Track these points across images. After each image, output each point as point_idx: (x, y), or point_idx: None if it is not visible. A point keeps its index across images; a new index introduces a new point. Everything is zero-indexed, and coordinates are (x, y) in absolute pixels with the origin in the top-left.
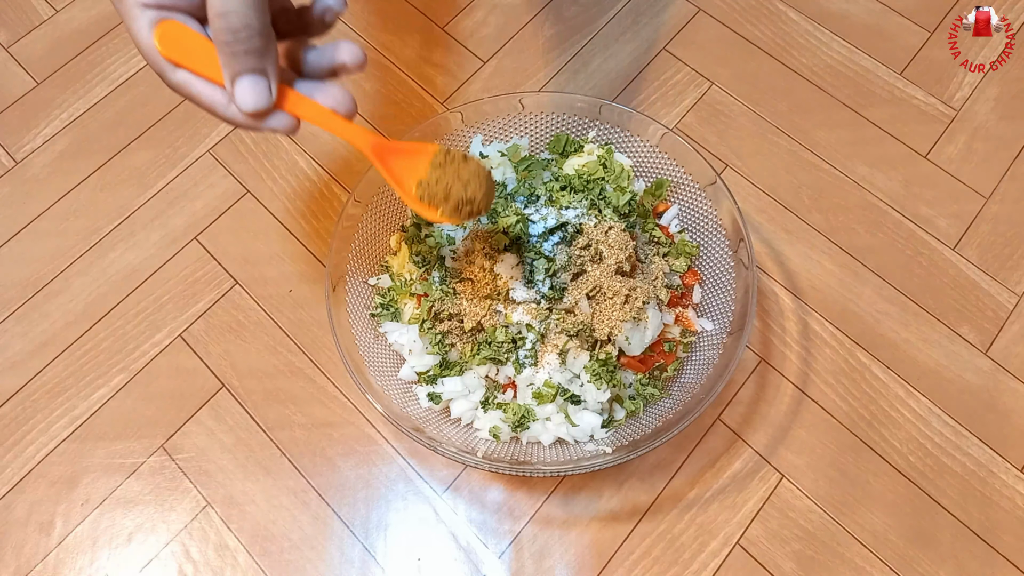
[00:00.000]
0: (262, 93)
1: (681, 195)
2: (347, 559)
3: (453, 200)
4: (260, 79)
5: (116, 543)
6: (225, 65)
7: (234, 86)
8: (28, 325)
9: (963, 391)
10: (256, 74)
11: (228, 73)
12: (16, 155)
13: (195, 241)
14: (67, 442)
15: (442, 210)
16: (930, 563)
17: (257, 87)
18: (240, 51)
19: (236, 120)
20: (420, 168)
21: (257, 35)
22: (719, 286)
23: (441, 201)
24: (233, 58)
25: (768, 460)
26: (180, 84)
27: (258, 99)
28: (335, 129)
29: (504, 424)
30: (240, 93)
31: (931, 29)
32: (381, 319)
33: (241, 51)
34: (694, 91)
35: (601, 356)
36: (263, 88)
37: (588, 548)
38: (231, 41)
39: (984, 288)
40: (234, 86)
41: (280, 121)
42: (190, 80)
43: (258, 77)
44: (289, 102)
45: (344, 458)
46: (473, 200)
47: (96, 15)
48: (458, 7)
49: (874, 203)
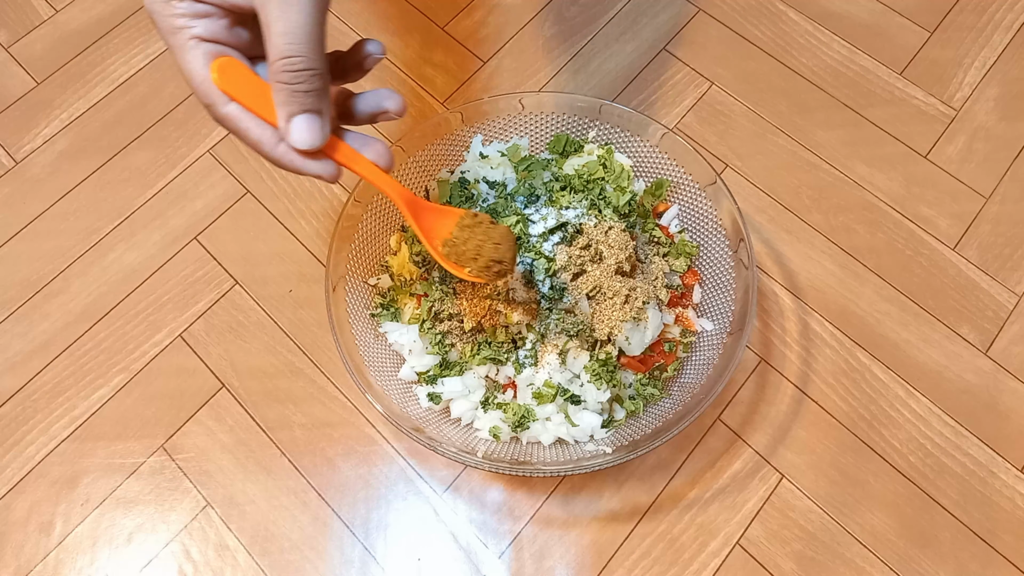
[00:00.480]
0: (316, 132)
1: (681, 195)
2: (347, 559)
3: (484, 259)
4: (316, 118)
5: (116, 543)
6: (283, 103)
7: (289, 124)
8: (28, 325)
9: (963, 391)
10: (313, 114)
11: (285, 112)
12: (16, 155)
13: (195, 241)
14: (67, 442)
15: (471, 268)
16: (930, 563)
17: (312, 126)
18: (301, 91)
19: (281, 160)
20: (447, 227)
21: (318, 77)
22: (719, 286)
23: (470, 260)
24: (293, 97)
25: (768, 460)
26: (229, 117)
27: (313, 137)
28: (375, 181)
29: (504, 424)
30: (296, 131)
31: (931, 29)
32: (381, 319)
33: (302, 91)
34: (694, 91)
35: (601, 356)
36: (317, 127)
37: (588, 548)
38: (292, 81)
39: (984, 288)
40: (289, 124)
41: (325, 167)
42: (240, 115)
43: (314, 117)
44: (333, 149)
45: (344, 458)
46: (503, 260)
47: (96, 15)
48: (458, 7)
49: (874, 203)
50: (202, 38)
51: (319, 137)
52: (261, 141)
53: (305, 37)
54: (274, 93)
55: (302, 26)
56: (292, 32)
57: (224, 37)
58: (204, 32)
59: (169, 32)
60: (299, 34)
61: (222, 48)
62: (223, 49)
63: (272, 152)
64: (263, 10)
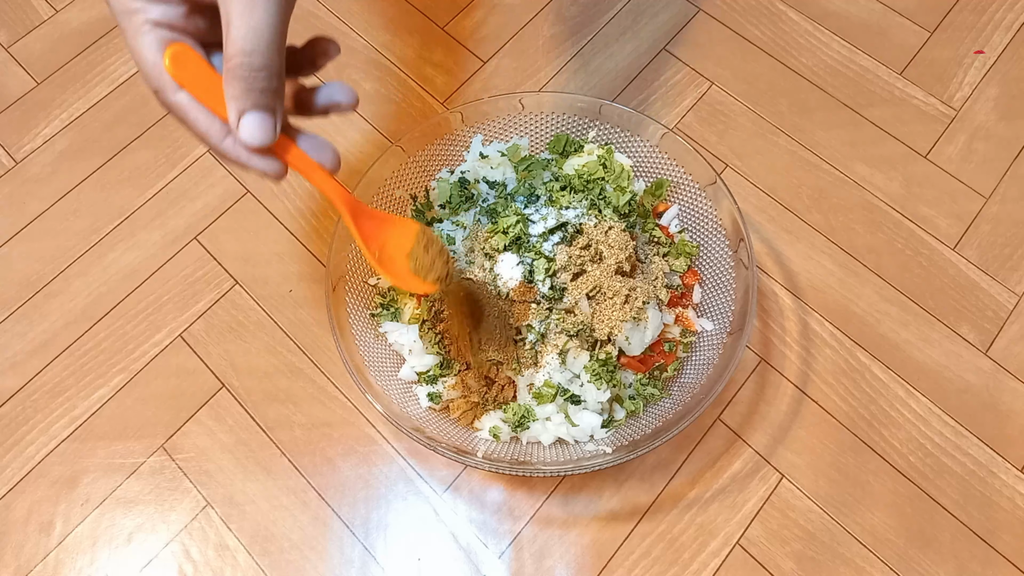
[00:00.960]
0: (268, 130)
1: (681, 195)
2: (347, 559)
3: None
4: (268, 117)
5: (116, 543)
6: (236, 98)
7: (240, 120)
8: (28, 325)
9: (963, 391)
10: (265, 112)
11: (237, 107)
12: (16, 155)
13: (195, 241)
14: (67, 442)
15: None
16: (930, 563)
17: (265, 124)
18: (256, 88)
19: (228, 154)
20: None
21: (275, 76)
22: (719, 286)
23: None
24: (247, 94)
25: (768, 460)
26: (178, 105)
27: (264, 135)
28: (316, 182)
29: (504, 424)
30: (247, 127)
31: (931, 29)
32: (381, 319)
33: (257, 89)
34: (694, 91)
35: (601, 356)
36: (269, 126)
37: (588, 548)
38: (248, 78)
39: (984, 288)
40: (240, 120)
41: (270, 164)
42: (189, 105)
43: (267, 115)
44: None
45: (344, 458)
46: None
47: (96, 15)
48: (458, 7)
49: (874, 203)
50: (157, 23)
51: (270, 135)
52: (208, 133)
53: (266, 37)
54: (227, 87)
55: (265, 26)
56: (254, 30)
57: (180, 24)
58: (159, 17)
59: (123, 14)
60: (261, 33)
61: (176, 35)
62: (177, 36)
63: (219, 145)
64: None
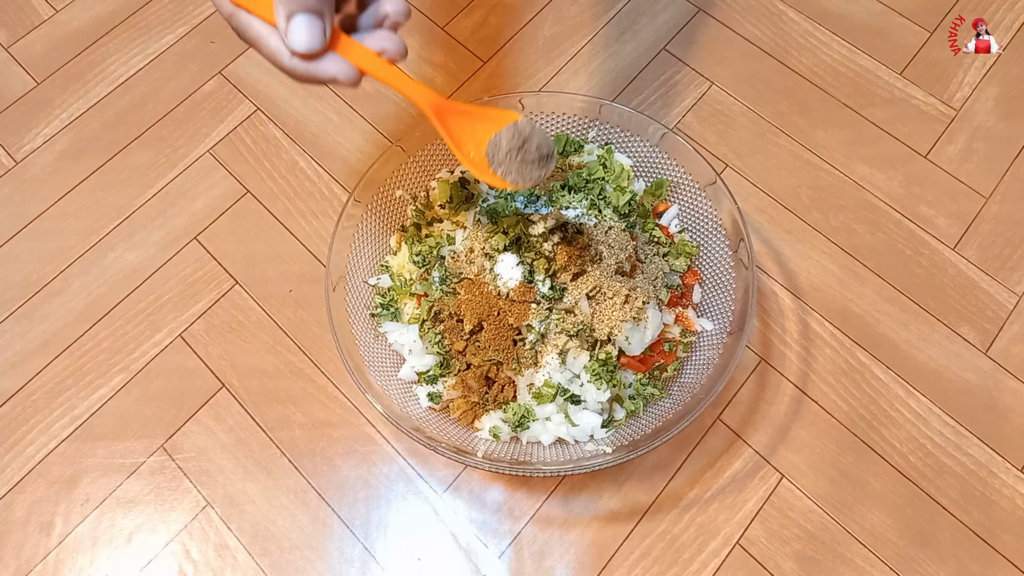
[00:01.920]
0: (316, 33)
1: (681, 195)
2: (347, 559)
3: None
4: (315, 19)
5: (116, 543)
6: (282, 3)
7: (289, 24)
8: (28, 325)
9: (963, 391)
10: (311, 13)
11: (284, 11)
12: (16, 155)
13: (195, 241)
14: (67, 442)
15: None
16: (930, 563)
17: (312, 26)
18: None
19: (295, 70)
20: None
21: None
22: (719, 286)
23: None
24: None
25: (768, 460)
26: (243, 27)
27: (312, 39)
28: (396, 83)
29: (504, 424)
30: (295, 31)
31: (931, 29)
32: (381, 319)
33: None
34: (694, 91)
35: (601, 356)
36: (318, 28)
37: (588, 548)
38: None
39: (984, 288)
40: (289, 24)
41: (338, 67)
42: (252, 23)
43: (313, 17)
44: (342, 47)
45: (344, 458)
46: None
47: (96, 15)
48: (458, 7)
49: (874, 203)
50: None
51: (319, 39)
52: (278, 52)
53: None
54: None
55: None
56: None
57: None
58: None
59: None
60: None
61: None
62: None
63: (287, 63)
64: None
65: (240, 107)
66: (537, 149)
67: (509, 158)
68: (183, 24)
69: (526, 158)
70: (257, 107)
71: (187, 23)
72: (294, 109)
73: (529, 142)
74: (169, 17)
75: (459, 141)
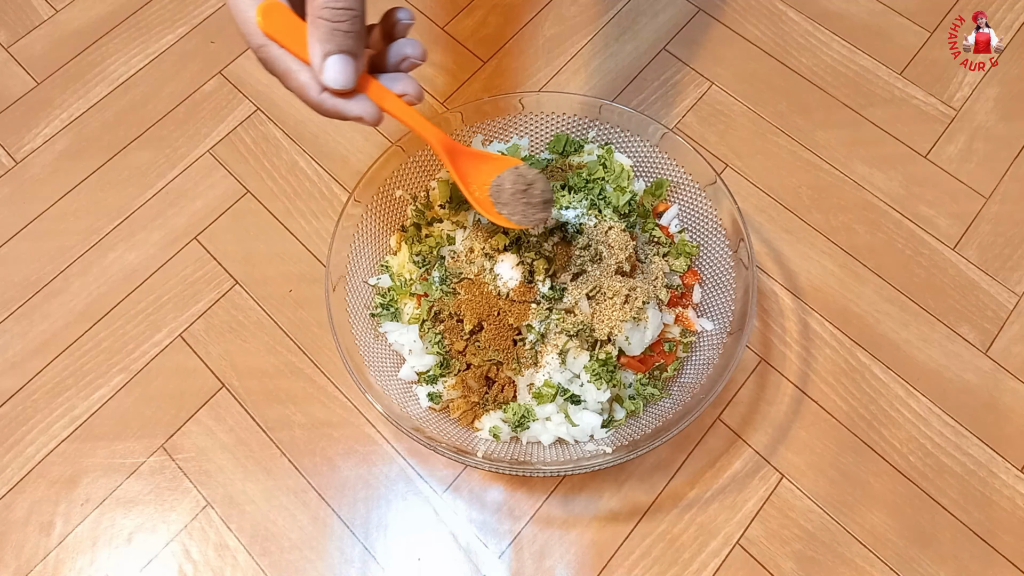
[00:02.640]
0: (349, 72)
1: (681, 195)
2: (347, 559)
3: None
4: (350, 60)
5: (116, 543)
6: (320, 41)
7: (324, 62)
8: (28, 325)
9: (963, 391)
10: (347, 54)
11: (321, 51)
12: (16, 155)
13: (195, 241)
14: (67, 442)
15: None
16: (930, 563)
17: (346, 66)
18: (340, 31)
19: (323, 105)
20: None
21: (357, 18)
22: (719, 286)
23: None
24: (330, 36)
25: (768, 460)
26: (273, 60)
27: (347, 78)
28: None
29: (504, 424)
30: (331, 70)
31: (931, 29)
32: (381, 319)
33: (340, 31)
34: (694, 91)
35: (601, 356)
36: (351, 68)
37: (588, 548)
38: (332, 19)
39: (984, 288)
40: (324, 62)
41: (364, 107)
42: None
43: (348, 58)
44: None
45: (344, 458)
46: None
47: (96, 15)
48: (458, 7)
49: (874, 203)
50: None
51: (351, 78)
52: (306, 87)
53: None
54: (311, 31)
55: None
56: None
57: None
58: None
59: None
60: None
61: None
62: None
63: (315, 98)
64: None
65: (240, 107)
66: (541, 193)
67: (514, 199)
68: (183, 24)
69: (531, 201)
70: (257, 107)
71: (187, 23)
72: (294, 109)
73: (533, 186)
74: (169, 17)
75: (466, 180)
